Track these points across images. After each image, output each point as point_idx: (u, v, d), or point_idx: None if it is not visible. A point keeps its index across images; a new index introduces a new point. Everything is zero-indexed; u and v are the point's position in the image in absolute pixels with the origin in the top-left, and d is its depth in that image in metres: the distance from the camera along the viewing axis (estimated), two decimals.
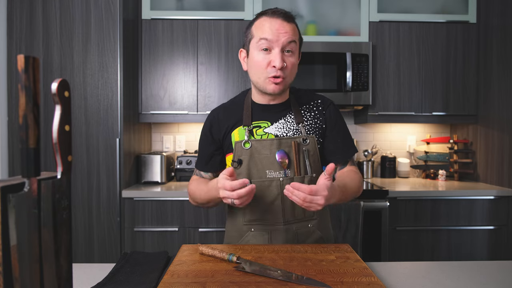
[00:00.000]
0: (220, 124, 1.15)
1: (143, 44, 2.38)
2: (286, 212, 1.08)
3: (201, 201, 1.12)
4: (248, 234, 1.11)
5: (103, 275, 0.84)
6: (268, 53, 1.04)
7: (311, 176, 1.09)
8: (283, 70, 1.04)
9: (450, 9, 2.47)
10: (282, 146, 1.08)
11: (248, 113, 1.13)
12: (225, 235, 1.22)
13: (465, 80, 2.47)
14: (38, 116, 0.43)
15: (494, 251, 2.18)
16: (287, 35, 1.03)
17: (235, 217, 1.15)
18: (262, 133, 1.11)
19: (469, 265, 0.92)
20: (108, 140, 2.11)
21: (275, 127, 1.12)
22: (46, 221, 0.45)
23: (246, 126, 1.11)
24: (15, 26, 2.08)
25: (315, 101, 1.17)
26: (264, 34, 1.03)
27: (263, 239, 1.09)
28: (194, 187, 1.15)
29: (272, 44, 1.03)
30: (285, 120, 1.13)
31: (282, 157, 1.06)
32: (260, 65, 1.05)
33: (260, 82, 1.07)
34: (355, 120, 2.79)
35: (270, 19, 1.04)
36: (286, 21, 1.04)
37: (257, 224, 1.10)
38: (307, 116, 1.14)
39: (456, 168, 2.61)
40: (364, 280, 0.75)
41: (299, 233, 1.09)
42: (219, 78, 2.39)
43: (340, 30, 2.46)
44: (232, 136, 1.13)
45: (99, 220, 2.10)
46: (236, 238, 1.13)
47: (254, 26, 1.08)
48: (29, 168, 0.43)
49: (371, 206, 2.08)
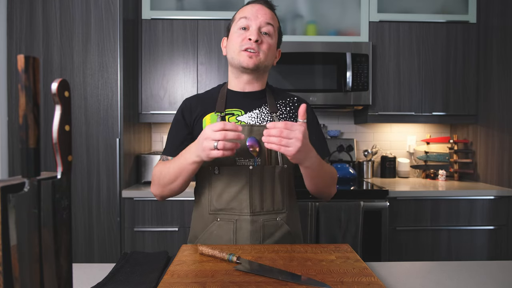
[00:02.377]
0: (192, 110, 1.13)
1: (143, 44, 2.38)
2: (253, 202, 1.05)
3: (169, 178, 1.02)
4: (213, 224, 1.07)
5: (103, 275, 0.84)
6: (246, 31, 1.08)
7: (282, 167, 1.08)
8: (259, 45, 1.07)
9: (450, 9, 2.47)
10: (253, 134, 1.06)
11: (222, 100, 1.12)
12: (190, 228, 1.17)
13: (465, 80, 2.47)
14: (38, 116, 0.43)
15: (494, 251, 2.18)
16: (265, 16, 1.08)
17: (201, 207, 1.11)
18: (234, 120, 1.10)
19: (469, 265, 0.92)
20: (108, 140, 2.11)
21: (249, 116, 1.11)
22: (46, 221, 0.45)
23: (219, 112, 1.09)
24: (15, 26, 2.08)
25: (291, 98, 1.19)
26: (244, 13, 1.09)
27: (228, 229, 1.06)
28: (159, 168, 1.07)
29: (250, 22, 1.08)
30: (259, 110, 1.12)
31: (252, 144, 1.03)
32: (236, 41, 1.08)
33: (234, 56, 1.09)
34: (355, 120, 2.79)
35: (251, 4, 1.12)
36: (266, 6, 1.11)
37: (223, 214, 1.07)
38: (282, 110, 1.14)
39: (456, 168, 2.61)
40: (364, 280, 0.75)
41: (266, 226, 1.06)
42: (219, 78, 2.39)
43: (340, 30, 2.46)
44: (203, 121, 1.11)
45: (99, 220, 2.10)
46: (201, 228, 1.10)
47: (237, 13, 1.14)
48: (29, 168, 0.43)
49: (371, 206, 2.08)
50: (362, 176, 2.67)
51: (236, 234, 1.05)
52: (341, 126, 2.81)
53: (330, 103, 2.34)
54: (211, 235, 1.08)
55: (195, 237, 1.13)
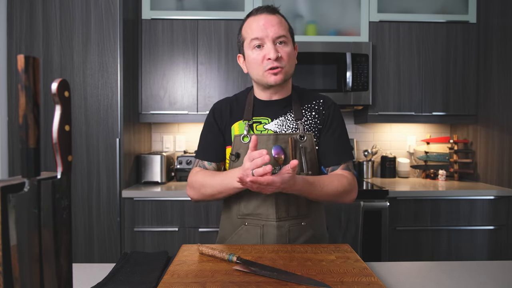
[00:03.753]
0: (223, 115, 1.17)
1: (143, 44, 2.38)
2: (279, 208, 1.08)
3: (211, 192, 1.08)
4: (241, 228, 1.11)
5: (103, 275, 0.84)
6: (262, 49, 1.07)
7: (306, 173, 1.09)
8: (279, 60, 1.06)
9: (450, 9, 2.47)
10: (279, 142, 1.08)
11: (249, 107, 1.14)
12: (219, 229, 1.21)
13: (465, 80, 2.46)
14: (38, 116, 0.43)
15: (494, 251, 2.18)
16: (274, 29, 1.05)
17: (230, 211, 1.15)
18: (262, 129, 1.12)
19: (469, 265, 0.92)
20: (108, 140, 2.11)
21: (275, 124, 1.13)
22: (46, 221, 0.45)
23: (247, 120, 1.12)
24: (15, 26, 2.08)
25: (317, 100, 1.18)
26: (253, 33, 1.06)
27: (256, 234, 1.09)
28: (201, 178, 1.10)
29: (263, 40, 1.06)
30: (285, 117, 1.13)
31: (278, 152, 1.06)
32: (256, 62, 1.07)
33: (260, 77, 1.09)
34: (355, 120, 2.79)
35: (255, 18, 1.08)
36: (271, 14, 1.07)
37: (251, 219, 1.10)
38: (308, 115, 1.15)
39: (456, 168, 2.61)
40: (364, 280, 0.75)
41: (291, 230, 1.08)
42: (219, 78, 2.39)
43: (340, 30, 2.46)
44: (232, 129, 1.14)
45: (99, 220, 2.10)
46: (230, 231, 1.14)
47: (243, 29, 1.11)
48: (29, 168, 0.43)
49: (371, 206, 2.08)
50: (362, 176, 2.67)
51: (263, 238, 1.08)
52: None
53: None
54: (240, 237, 1.11)
55: (223, 239, 1.17)
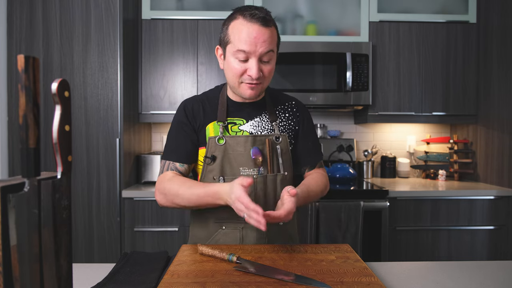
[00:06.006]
0: (196, 115, 1.11)
1: (143, 44, 2.38)
2: None
3: (185, 204, 1.01)
4: (218, 232, 1.08)
5: (103, 275, 0.84)
6: (245, 63, 1.01)
7: (283, 174, 1.10)
8: (259, 78, 1.02)
9: (450, 9, 2.47)
10: (256, 144, 1.07)
11: (223, 109, 1.10)
12: (190, 235, 1.15)
13: (465, 80, 2.46)
14: (38, 116, 0.43)
15: (494, 251, 2.18)
16: (264, 45, 0.98)
17: (203, 216, 1.10)
18: (237, 130, 1.10)
19: (469, 265, 0.92)
20: (108, 140, 2.11)
21: (250, 125, 1.11)
22: (46, 221, 0.45)
23: (221, 122, 1.09)
24: (15, 26, 2.08)
25: (290, 102, 1.19)
26: (241, 45, 0.98)
27: (235, 237, 1.07)
28: (176, 186, 1.02)
29: (249, 55, 0.99)
30: (260, 118, 1.13)
31: (256, 154, 1.06)
32: (235, 72, 1.02)
33: (235, 86, 1.06)
34: (355, 120, 2.79)
35: (247, 24, 0.98)
36: (264, 26, 0.98)
37: (229, 222, 1.07)
38: (281, 116, 1.16)
39: (456, 168, 2.61)
40: (364, 280, 0.75)
41: (270, 231, 1.08)
42: (219, 78, 2.39)
43: (340, 30, 2.46)
44: (206, 129, 1.10)
45: (99, 220, 2.10)
46: (205, 237, 1.10)
47: (231, 27, 1.02)
48: (29, 168, 0.43)
49: (371, 206, 2.08)
50: (362, 176, 2.67)
51: (242, 241, 1.07)
52: (341, 126, 2.81)
53: (330, 103, 2.34)
54: (217, 243, 1.08)
55: None
